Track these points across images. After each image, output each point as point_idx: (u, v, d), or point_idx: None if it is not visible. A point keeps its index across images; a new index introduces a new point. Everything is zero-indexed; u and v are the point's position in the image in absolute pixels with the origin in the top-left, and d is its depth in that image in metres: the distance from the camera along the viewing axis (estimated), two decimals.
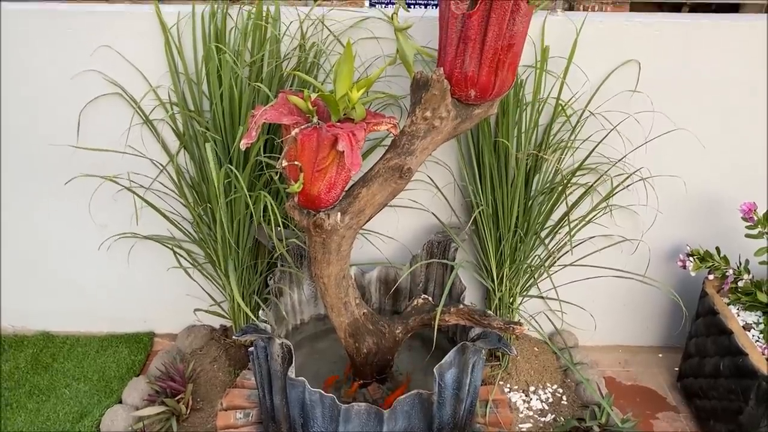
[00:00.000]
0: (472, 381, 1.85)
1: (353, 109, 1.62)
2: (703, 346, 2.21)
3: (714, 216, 2.36)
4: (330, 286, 1.85)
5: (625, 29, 2.08)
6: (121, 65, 2.13)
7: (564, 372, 2.44)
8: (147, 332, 2.63)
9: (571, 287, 2.35)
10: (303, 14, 2.05)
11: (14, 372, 2.41)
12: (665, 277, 2.45)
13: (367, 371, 2.06)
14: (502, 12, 1.51)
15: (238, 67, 1.97)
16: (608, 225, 2.35)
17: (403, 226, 2.40)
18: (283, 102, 1.63)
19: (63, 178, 2.29)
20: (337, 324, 1.95)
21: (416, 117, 1.68)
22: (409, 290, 2.36)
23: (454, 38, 1.59)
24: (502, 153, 2.11)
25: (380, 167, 1.71)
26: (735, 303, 2.17)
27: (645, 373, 2.51)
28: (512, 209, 2.13)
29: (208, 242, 2.21)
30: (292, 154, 1.58)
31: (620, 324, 2.60)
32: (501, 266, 2.24)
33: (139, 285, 2.55)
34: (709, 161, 2.26)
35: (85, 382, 2.37)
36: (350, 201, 1.71)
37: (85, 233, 2.42)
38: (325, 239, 1.73)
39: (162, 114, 2.17)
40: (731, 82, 2.14)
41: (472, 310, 1.90)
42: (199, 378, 2.34)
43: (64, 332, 2.63)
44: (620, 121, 2.14)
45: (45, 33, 2.10)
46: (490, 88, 1.64)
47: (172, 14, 2.06)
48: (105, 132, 2.22)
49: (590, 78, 2.12)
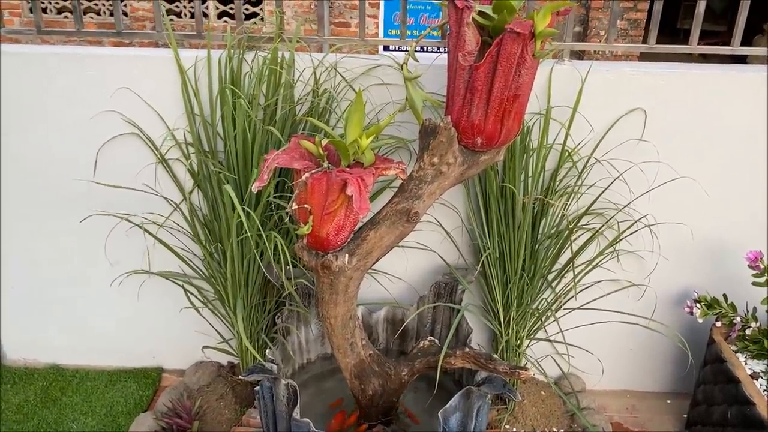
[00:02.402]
0: (477, 425, 1.85)
1: (363, 154, 1.67)
2: (711, 393, 2.20)
3: (721, 263, 2.37)
4: (336, 326, 1.87)
5: (631, 78, 2.13)
6: (138, 106, 2.20)
7: (571, 417, 2.43)
8: (155, 367, 2.65)
9: (578, 331, 2.35)
10: (317, 61, 2.12)
11: (23, 405, 2.43)
12: (673, 322, 2.45)
13: (373, 413, 2.07)
14: (508, 65, 1.56)
15: (252, 110, 2.03)
16: (615, 270, 2.36)
17: (410, 267, 2.43)
18: (294, 147, 1.68)
19: (78, 215, 2.34)
20: (343, 365, 1.96)
21: (424, 162, 1.72)
22: (416, 331, 2.37)
23: (461, 88, 1.64)
24: (509, 197, 2.14)
25: (388, 210, 1.74)
26: (743, 351, 2.16)
27: (653, 420, 2.49)
28: (519, 253, 2.15)
29: (218, 279, 2.24)
30: (303, 197, 1.62)
31: (628, 369, 2.59)
32: (508, 309, 2.25)
33: (149, 321, 2.58)
34: (716, 209, 2.28)
35: (93, 416, 2.39)
36: (358, 243, 1.75)
37: (96, 269, 2.46)
38: (333, 280, 1.76)
39: (177, 154, 2.23)
40: (736, 131, 2.17)
41: (477, 353, 1.91)
42: (205, 415, 2.35)
43: (73, 365, 2.66)
44: (626, 170, 2.17)
45: (67, 74, 2.18)
46: (497, 136, 1.68)
47: (189, 58, 2.14)
48: (121, 170, 2.27)
49: (596, 125, 2.16)
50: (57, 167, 2.32)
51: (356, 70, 2.11)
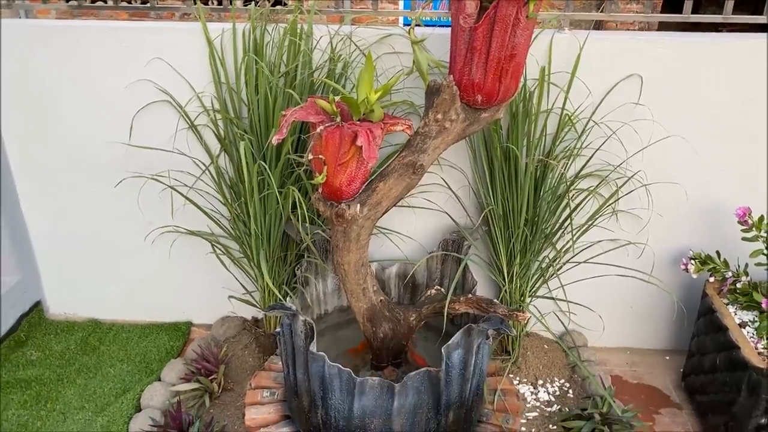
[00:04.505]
0: (478, 362, 2.02)
1: (372, 111, 1.84)
2: (703, 344, 2.34)
3: (717, 223, 2.49)
4: (350, 272, 2.05)
5: (629, 45, 2.26)
6: (169, 75, 2.40)
7: (572, 369, 2.58)
8: (185, 322, 2.86)
9: (579, 289, 2.50)
10: (333, 31, 2.29)
11: (65, 352, 2.66)
12: (671, 281, 2.58)
13: (384, 355, 2.24)
14: (504, 25, 1.71)
15: (274, 76, 2.20)
16: (615, 230, 2.50)
17: (420, 227, 2.59)
18: (311, 105, 1.85)
19: (112, 178, 2.54)
20: (356, 309, 2.14)
21: (429, 119, 1.88)
22: (425, 286, 2.53)
23: (462, 49, 1.80)
24: (512, 159, 2.29)
25: (396, 164, 1.91)
26: (733, 303, 2.29)
27: (651, 373, 2.63)
28: (521, 211, 2.30)
29: (243, 237, 2.43)
30: (317, 149, 1.80)
31: (628, 326, 2.72)
32: (511, 264, 2.41)
33: (179, 279, 2.78)
34: (711, 171, 2.40)
35: (128, 363, 2.60)
36: (369, 194, 1.92)
37: (132, 229, 2.67)
38: (346, 228, 1.93)
39: (205, 120, 2.42)
40: (730, 95, 2.29)
41: (480, 298, 2.08)
42: (230, 362, 2.55)
43: (110, 320, 2.88)
44: (618, 128, 2.30)
45: (103, 46, 2.38)
46: (495, 93, 1.84)
47: (216, 30, 2.32)
48: (154, 136, 2.47)
49: (595, 90, 2.30)
50: (97, 133, 2.52)
51: (369, 39, 2.28)
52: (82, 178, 2.62)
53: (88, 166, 2.59)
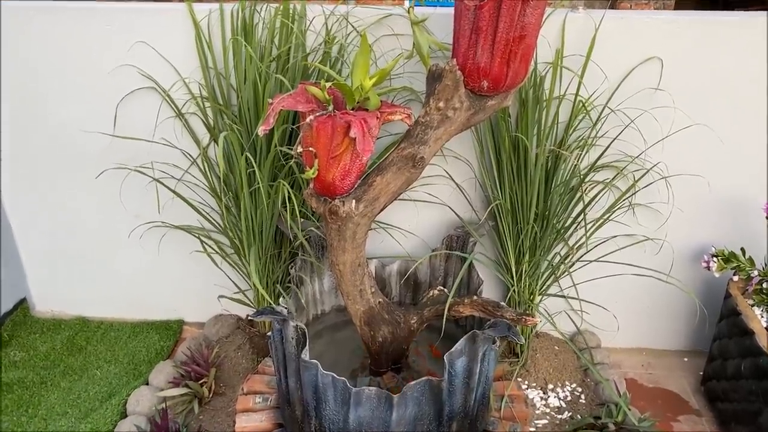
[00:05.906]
0: (483, 371, 1.87)
1: (367, 99, 1.67)
2: (726, 347, 2.18)
3: (741, 218, 2.32)
4: (346, 273, 1.90)
5: (649, 26, 2.08)
6: (154, 61, 2.24)
7: (584, 372, 2.43)
8: (177, 320, 2.73)
9: (593, 288, 2.34)
10: (328, 11, 2.12)
11: (50, 353, 2.53)
12: (690, 280, 2.42)
13: (383, 360, 2.10)
14: (513, 3, 1.54)
15: (262, 61, 2.04)
16: (632, 224, 2.34)
17: (422, 221, 2.44)
18: (301, 91, 1.69)
19: (98, 169, 2.40)
20: (352, 312, 1.99)
21: (430, 107, 1.72)
22: (428, 284, 2.38)
23: (466, 29, 1.63)
24: (522, 150, 2.13)
25: (394, 156, 1.75)
26: (759, 305, 2.13)
27: (668, 377, 2.48)
28: (531, 205, 2.14)
29: (234, 232, 2.28)
30: (308, 140, 1.64)
31: (644, 326, 2.57)
32: (520, 262, 2.25)
33: (171, 275, 2.64)
34: (736, 162, 2.23)
35: (116, 364, 2.47)
36: (365, 189, 1.76)
37: (119, 226, 2.53)
38: (341, 226, 1.78)
39: (193, 108, 2.27)
40: (756, 81, 2.11)
41: (485, 301, 1.92)
42: (223, 364, 2.42)
43: (99, 317, 2.75)
44: (637, 116, 2.13)
45: (84, 29, 2.22)
46: (503, 79, 1.67)
47: (202, 11, 2.16)
48: (139, 124, 2.32)
49: (611, 75, 2.12)
50: (78, 122, 2.37)
51: (367, 20, 2.11)
52: (66, 168, 2.47)
53: (72, 156, 2.44)
